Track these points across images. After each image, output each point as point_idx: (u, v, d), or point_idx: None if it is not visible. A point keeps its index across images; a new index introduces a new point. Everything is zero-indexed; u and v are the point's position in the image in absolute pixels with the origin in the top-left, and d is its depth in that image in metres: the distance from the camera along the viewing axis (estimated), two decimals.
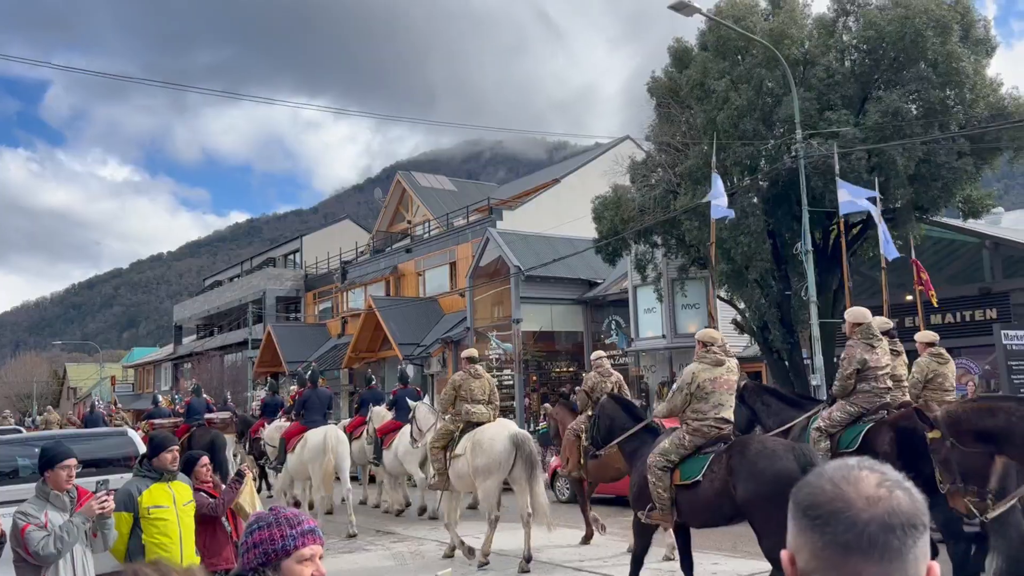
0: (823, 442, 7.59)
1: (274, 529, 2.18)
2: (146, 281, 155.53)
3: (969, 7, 16.82)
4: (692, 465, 6.87)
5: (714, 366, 7.02)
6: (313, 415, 13.21)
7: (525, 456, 9.47)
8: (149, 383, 59.55)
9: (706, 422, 6.90)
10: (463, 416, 9.85)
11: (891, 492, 1.04)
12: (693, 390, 6.96)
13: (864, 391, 7.66)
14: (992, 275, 19.46)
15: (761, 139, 16.87)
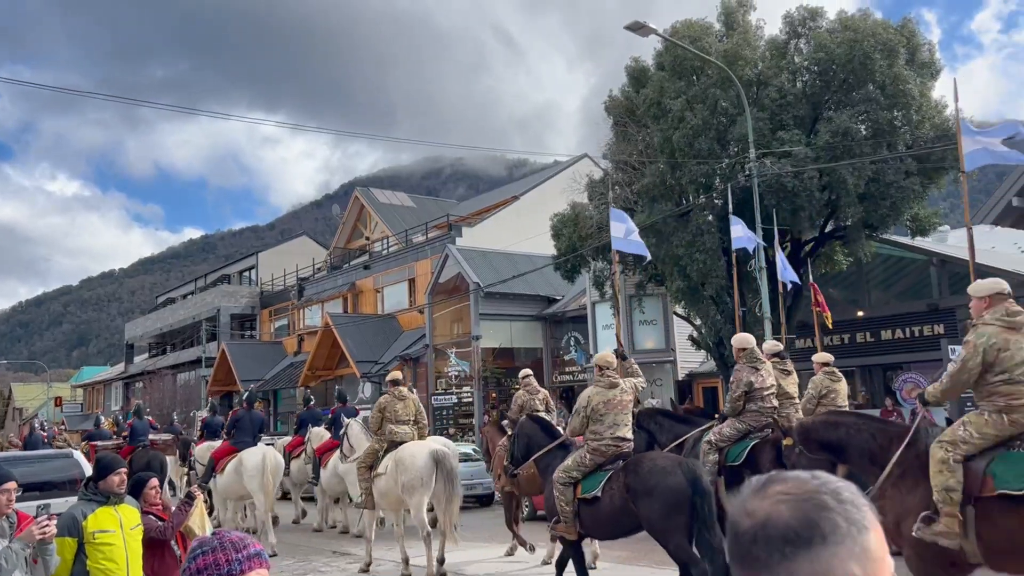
0: (712, 455, 8.17)
1: (219, 554, 2.11)
2: (97, 298, 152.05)
3: (915, 31, 17.33)
4: (592, 481, 7.37)
5: (608, 388, 7.49)
6: (243, 436, 13.34)
7: (445, 473, 9.90)
8: (99, 403, 58.09)
9: (603, 441, 7.36)
10: (387, 436, 10.22)
11: (776, 505, 1.03)
12: (589, 413, 7.42)
13: (752, 410, 8.29)
14: (939, 292, 19.95)
15: (716, 158, 17.13)
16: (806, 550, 0.99)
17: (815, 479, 1.06)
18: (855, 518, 1.01)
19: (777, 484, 1.06)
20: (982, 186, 47.70)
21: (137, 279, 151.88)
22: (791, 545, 1.00)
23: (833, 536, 0.99)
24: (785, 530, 1.01)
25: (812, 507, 1.01)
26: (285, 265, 44.53)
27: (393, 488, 10.01)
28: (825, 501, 1.02)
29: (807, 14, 17.73)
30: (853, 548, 0.99)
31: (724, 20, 18.56)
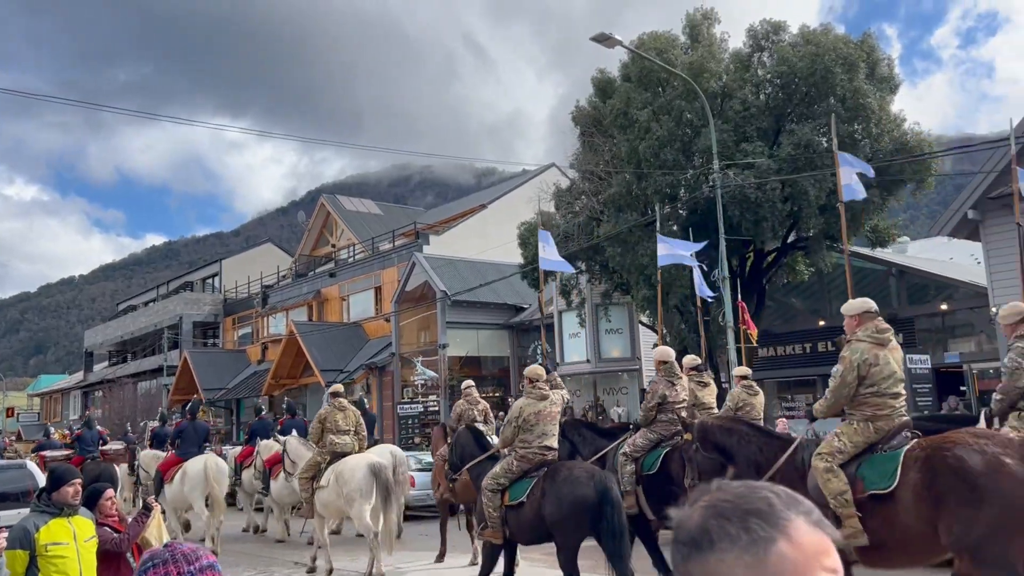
0: (629, 465, 8.47)
1: (170, 566, 2.08)
2: (56, 305, 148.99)
3: (874, 46, 17.69)
4: (518, 488, 7.64)
5: (539, 400, 7.77)
6: (189, 446, 13.50)
7: (382, 484, 10.28)
8: (57, 412, 56.89)
9: (531, 449, 7.65)
10: (328, 447, 10.57)
11: (692, 512, 1.08)
12: (520, 423, 7.68)
13: (663, 420, 8.65)
14: (899, 301, 20.33)
15: (681, 169, 17.30)
16: (697, 554, 1.04)
17: (744, 488, 1.09)
18: (754, 529, 1.02)
19: (708, 493, 1.10)
20: (940, 198, 48.74)
21: (98, 286, 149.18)
22: (687, 547, 1.06)
23: (721, 543, 1.02)
24: (686, 534, 1.07)
25: (711, 515, 1.05)
26: (249, 272, 44.04)
27: (335, 500, 10.36)
28: (725, 509, 1.05)
29: (770, 28, 18.01)
30: (743, 557, 1.01)
31: (689, 33, 18.79)
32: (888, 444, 5.70)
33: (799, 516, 1.04)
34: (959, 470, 5.12)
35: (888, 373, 5.77)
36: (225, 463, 13.80)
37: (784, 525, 1.03)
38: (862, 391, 5.78)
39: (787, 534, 1.02)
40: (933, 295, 20.14)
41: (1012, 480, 4.92)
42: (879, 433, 5.72)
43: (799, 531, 1.03)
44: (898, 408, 5.82)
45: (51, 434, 21.30)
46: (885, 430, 5.70)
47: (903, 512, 5.34)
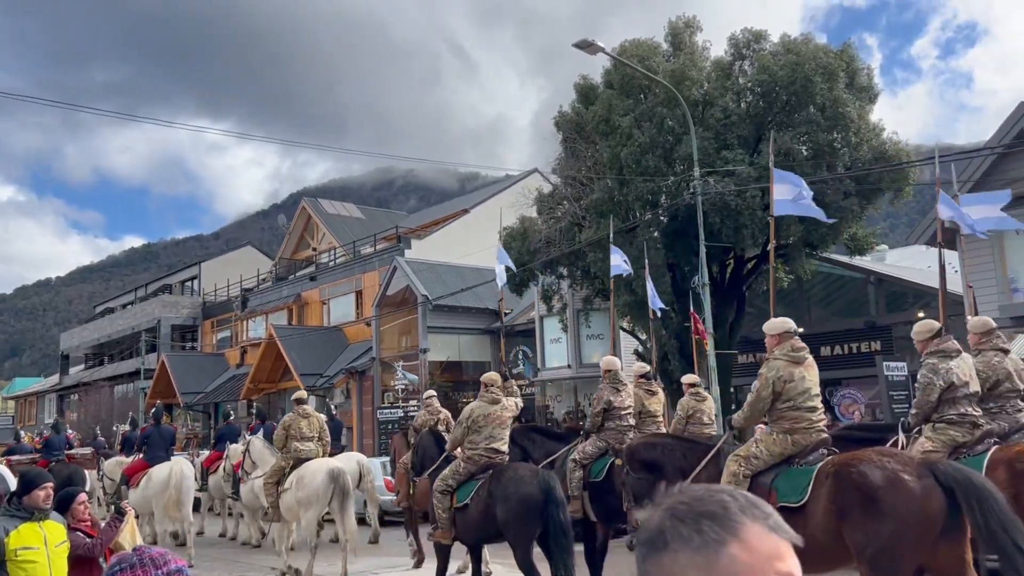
0: (577, 472, 8.70)
1: (138, 570, 2.05)
2: (32, 307, 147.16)
3: (854, 56, 17.86)
4: (466, 489, 7.87)
5: (490, 404, 8.03)
6: (155, 451, 13.60)
7: (340, 489, 10.64)
8: (31, 415, 56.17)
9: (478, 451, 7.89)
10: (292, 453, 10.88)
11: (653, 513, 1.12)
12: (469, 424, 7.95)
13: (610, 428, 8.89)
14: (876, 309, 20.51)
15: (662, 175, 17.37)
16: (653, 553, 1.08)
17: (703, 491, 1.11)
18: (705, 530, 1.05)
19: (671, 496, 1.13)
20: (919, 207, 49.25)
21: (75, 288, 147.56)
22: (646, 547, 1.09)
23: (675, 543, 1.06)
24: (646, 534, 1.10)
25: (667, 516, 1.09)
26: (229, 275, 43.73)
27: (296, 504, 10.66)
28: (681, 511, 1.08)
29: (751, 36, 18.14)
30: (694, 558, 1.04)
31: (671, 40, 18.89)
32: (804, 459, 6.04)
33: (754, 520, 1.06)
34: (862, 485, 5.40)
35: (803, 389, 6.15)
36: (192, 469, 13.91)
37: (737, 528, 1.05)
38: (779, 406, 6.16)
39: (739, 537, 1.04)
40: (911, 303, 20.34)
41: (908, 496, 5.22)
42: (796, 446, 6.08)
43: (752, 534, 1.05)
44: (815, 422, 6.16)
45: (21, 438, 21.19)
46: (803, 444, 6.07)
47: (812, 526, 5.58)
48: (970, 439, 6.37)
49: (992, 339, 7.17)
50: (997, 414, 6.86)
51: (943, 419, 6.46)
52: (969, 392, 6.48)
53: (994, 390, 6.91)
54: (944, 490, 5.25)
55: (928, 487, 5.27)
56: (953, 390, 6.42)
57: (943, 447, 6.35)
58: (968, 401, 6.49)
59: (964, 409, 6.43)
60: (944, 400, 6.46)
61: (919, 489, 5.25)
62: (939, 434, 6.46)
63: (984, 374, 6.86)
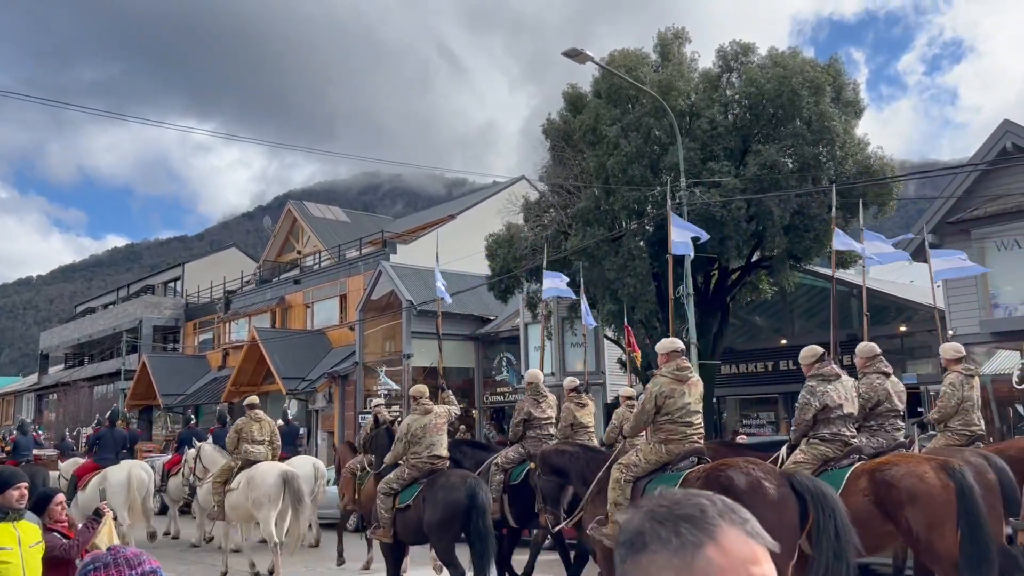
0: (498, 475, 9.28)
1: (112, 570, 2.03)
2: (12, 306, 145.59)
3: (841, 70, 18.02)
4: (408, 492, 8.52)
5: (423, 415, 8.68)
6: (106, 453, 13.71)
7: (292, 492, 10.99)
8: (8, 415, 55.51)
9: (421, 459, 8.52)
10: (242, 455, 11.28)
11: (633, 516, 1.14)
12: (409, 438, 8.57)
13: (531, 437, 9.50)
14: (859, 322, 20.62)
15: (648, 185, 17.44)
16: (632, 555, 1.10)
17: (682, 495, 1.13)
18: (683, 533, 1.07)
19: (651, 499, 1.16)
20: (903, 222, 49.63)
21: (56, 287, 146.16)
22: (625, 548, 1.11)
23: (653, 544, 1.08)
24: (625, 535, 1.12)
25: (646, 518, 1.11)
26: (212, 277, 43.44)
27: (243, 503, 10.99)
28: (660, 514, 1.10)
29: (740, 49, 18.27)
30: (671, 559, 1.06)
31: (660, 51, 19.00)
32: (676, 465, 6.78)
33: (732, 524, 1.08)
34: (728, 488, 5.96)
35: (682, 404, 6.82)
36: (151, 471, 14.13)
37: (714, 531, 1.07)
38: (659, 419, 6.82)
39: (716, 540, 1.06)
40: (893, 317, 20.49)
41: (767, 500, 5.92)
42: (670, 455, 6.80)
43: (728, 538, 1.07)
44: (690, 435, 6.83)
45: None
46: (676, 452, 6.80)
47: None
48: (840, 455, 6.97)
49: (876, 363, 7.71)
50: (877, 431, 7.45)
51: (816, 436, 7.03)
52: (843, 413, 7.02)
53: (875, 410, 7.46)
54: (798, 497, 5.96)
55: (784, 494, 5.99)
56: (827, 411, 6.98)
57: (813, 460, 6.97)
58: (843, 422, 7.03)
59: (837, 428, 6.98)
60: (819, 420, 7.02)
61: (777, 495, 5.95)
62: (812, 448, 7.03)
63: (866, 395, 7.44)
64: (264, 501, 10.67)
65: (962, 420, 8.21)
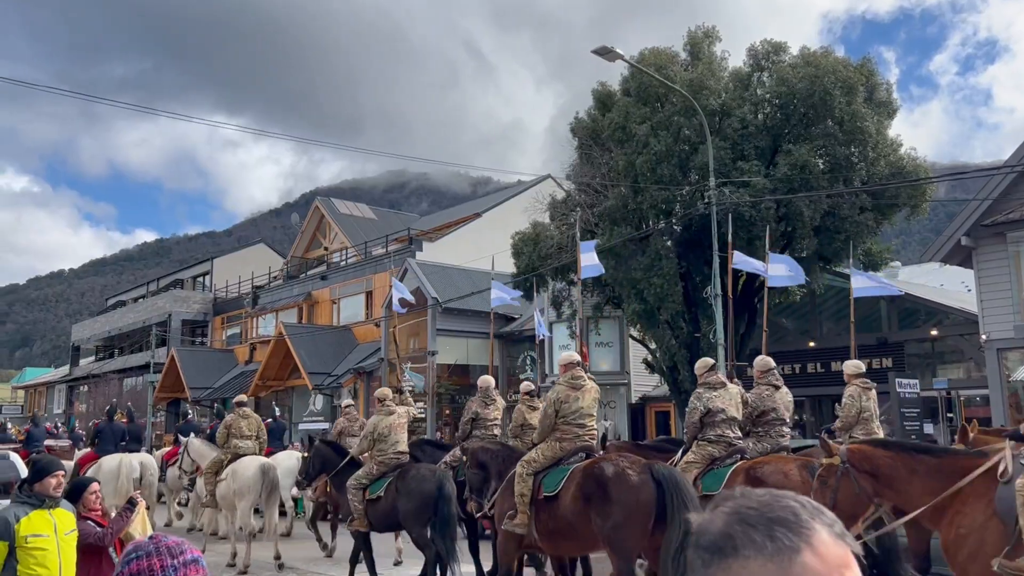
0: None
1: (154, 559, 2.04)
2: (44, 298, 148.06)
3: (873, 70, 17.78)
4: (377, 486, 9.48)
5: (387, 415, 9.72)
6: (105, 445, 14.86)
7: (269, 482, 12.10)
8: (40, 405, 56.44)
9: (387, 455, 9.59)
10: (231, 449, 12.40)
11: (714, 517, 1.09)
12: (375, 436, 9.60)
13: (477, 436, 10.05)
14: (889, 326, 20.38)
15: (677, 184, 17.33)
16: (720, 559, 1.04)
17: (768, 496, 1.08)
18: (779, 537, 1.02)
19: (731, 499, 1.10)
20: (932, 225, 48.97)
21: (87, 280, 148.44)
22: (709, 553, 1.05)
23: (745, 550, 1.02)
24: (708, 539, 1.06)
25: (735, 521, 1.05)
26: (240, 272, 43.86)
27: (229, 493, 12.12)
28: (750, 516, 1.05)
29: (771, 48, 18.10)
30: (767, 565, 1.01)
31: (690, 50, 18.87)
32: (568, 460, 7.67)
33: (823, 527, 1.04)
34: (600, 476, 7.07)
35: (575, 408, 7.76)
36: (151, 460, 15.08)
37: (808, 535, 1.02)
38: (557, 421, 7.77)
39: (812, 544, 1.02)
40: (923, 320, 20.20)
41: (629, 485, 6.89)
42: (563, 451, 7.74)
43: (823, 542, 1.02)
44: (581, 435, 7.79)
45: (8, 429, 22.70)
46: (568, 449, 7.73)
47: (563, 509, 7.36)
48: (724, 455, 7.94)
49: (768, 376, 8.73)
50: (763, 437, 8.44)
51: (704, 438, 8.02)
52: (727, 417, 8.01)
53: (762, 417, 8.48)
54: (656, 483, 6.86)
55: (644, 479, 6.93)
56: (712, 415, 7.98)
57: (702, 460, 7.95)
58: (727, 425, 8.02)
59: (722, 431, 7.99)
60: (706, 423, 8.01)
61: (638, 480, 6.92)
62: (700, 449, 8.02)
63: (754, 403, 8.49)
64: (244, 491, 11.85)
65: (864, 429, 8.86)
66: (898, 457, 6.00)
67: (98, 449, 14.82)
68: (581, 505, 7.15)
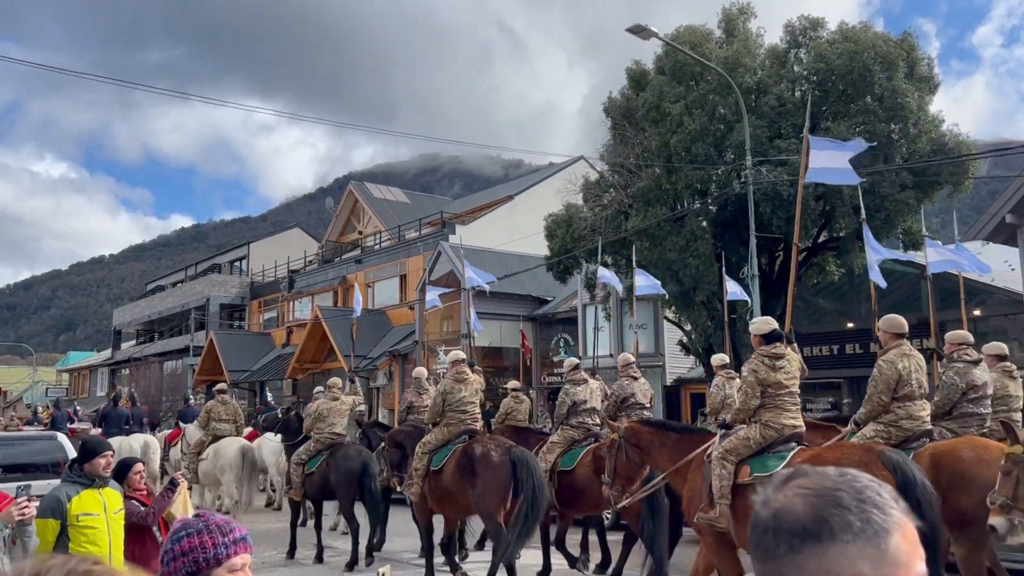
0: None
1: (204, 536, 2.08)
2: (86, 284, 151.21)
3: (914, 45, 17.36)
4: (313, 462, 11.12)
5: (331, 400, 11.42)
6: (110, 428, 16.67)
7: (248, 462, 13.94)
8: (84, 388, 57.78)
9: (324, 434, 11.18)
10: (211, 431, 14.21)
11: (792, 498, 1.04)
12: (316, 416, 11.26)
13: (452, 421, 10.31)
14: (929, 306, 19.99)
15: (712, 164, 17.13)
16: (813, 544, 0.99)
17: (841, 476, 1.05)
18: (874, 519, 1.00)
19: (799, 478, 1.07)
20: (973, 203, 47.93)
21: (127, 266, 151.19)
22: (798, 538, 1.00)
23: (844, 534, 0.99)
24: (795, 523, 1.01)
25: (825, 503, 1.01)
26: (276, 256, 44.34)
27: (211, 470, 13.78)
28: (841, 499, 1.01)
29: (808, 24, 17.75)
30: (866, 549, 0.98)
31: (725, 27, 18.58)
32: (453, 442, 9.27)
33: (899, 506, 1.03)
34: (471, 454, 8.86)
35: (459, 398, 9.36)
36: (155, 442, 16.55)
37: (895, 516, 1.01)
38: (445, 409, 9.37)
39: (900, 525, 1.01)
40: (966, 301, 19.80)
41: (490, 462, 8.68)
42: (451, 434, 9.35)
43: (905, 522, 1.02)
44: (464, 419, 9.37)
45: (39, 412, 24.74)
46: (454, 432, 9.34)
47: (446, 480, 9.09)
48: (582, 438, 9.52)
49: (628, 370, 10.16)
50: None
51: (568, 424, 9.61)
52: (587, 407, 9.66)
53: (624, 403, 9.80)
54: (511, 462, 8.59)
55: (504, 459, 8.65)
56: (576, 406, 9.62)
57: (563, 441, 9.54)
58: (587, 414, 9.65)
59: (583, 419, 9.63)
60: (571, 412, 9.62)
61: (498, 460, 8.66)
62: (563, 433, 9.61)
63: (616, 393, 9.94)
64: (227, 468, 13.47)
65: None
66: (654, 433, 7.59)
67: (104, 432, 15.98)
68: (458, 477, 8.92)
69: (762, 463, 6.35)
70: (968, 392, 7.12)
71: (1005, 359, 8.13)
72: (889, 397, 6.72)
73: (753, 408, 6.52)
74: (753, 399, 6.50)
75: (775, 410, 6.46)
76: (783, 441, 6.45)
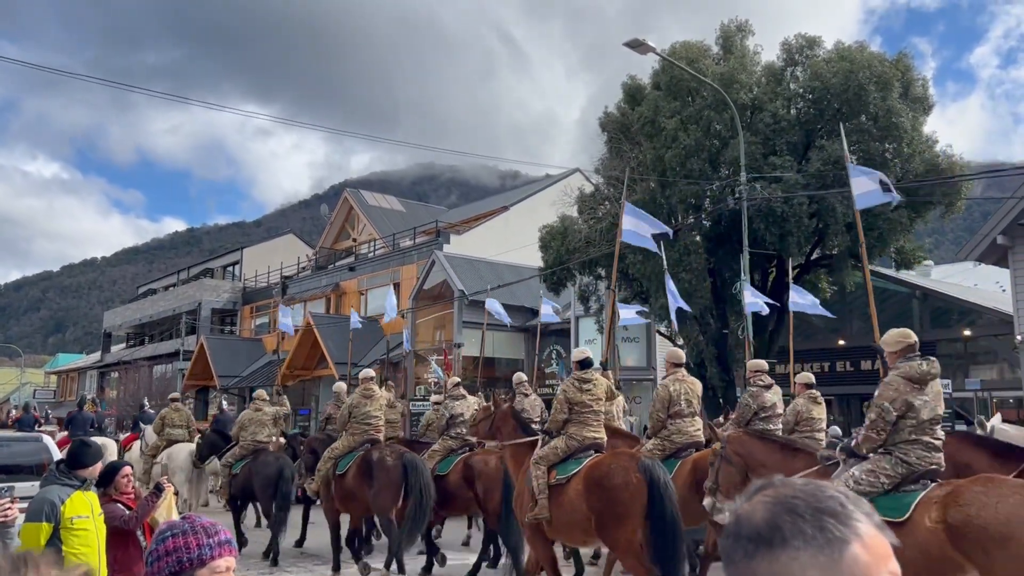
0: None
1: (189, 537, 2.06)
2: (77, 286, 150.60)
3: (909, 66, 17.50)
4: (237, 465, 12.24)
5: (255, 412, 12.52)
6: (76, 431, 17.10)
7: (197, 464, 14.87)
8: (72, 390, 57.42)
9: (247, 442, 12.26)
10: (165, 436, 15.06)
11: (754, 506, 1.05)
12: (243, 424, 12.43)
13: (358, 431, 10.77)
14: (921, 325, 20.09)
15: (707, 179, 17.20)
16: (766, 550, 1.01)
17: (806, 486, 1.06)
18: (828, 528, 1.00)
19: (768, 488, 1.07)
20: (966, 224, 48.16)
21: (119, 268, 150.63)
22: (753, 544, 1.02)
23: (795, 540, 1.00)
24: (751, 529, 1.03)
25: (781, 509, 1.02)
26: (270, 262, 44.25)
27: (167, 472, 14.18)
28: (796, 506, 1.02)
29: (804, 42, 17.88)
30: (817, 556, 0.99)
31: (722, 43, 18.69)
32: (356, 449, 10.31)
33: (867, 519, 1.02)
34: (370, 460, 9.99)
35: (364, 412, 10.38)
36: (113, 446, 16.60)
37: (856, 526, 1.01)
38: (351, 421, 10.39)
39: (859, 536, 1.00)
40: (956, 320, 19.90)
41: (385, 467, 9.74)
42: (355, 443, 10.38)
43: (868, 533, 1.01)
44: (368, 430, 10.35)
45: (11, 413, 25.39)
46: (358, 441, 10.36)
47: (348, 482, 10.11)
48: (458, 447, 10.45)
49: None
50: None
51: (447, 435, 10.57)
52: (463, 420, 10.42)
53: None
54: (403, 467, 9.67)
55: (396, 464, 9.75)
56: (453, 419, 10.54)
57: (443, 451, 10.45)
58: (463, 426, 10.40)
59: (459, 431, 10.49)
60: (449, 424, 10.56)
61: (392, 464, 9.77)
62: (444, 443, 10.52)
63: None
64: (176, 470, 14.36)
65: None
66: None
67: (71, 434, 16.66)
68: (358, 480, 9.98)
69: (564, 467, 7.51)
70: (759, 412, 8.73)
71: (812, 387, 9.54)
72: (666, 415, 8.61)
73: (562, 421, 7.62)
74: (561, 414, 7.62)
75: (579, 424, 7.59)
76: (583, 449, 7.54)
